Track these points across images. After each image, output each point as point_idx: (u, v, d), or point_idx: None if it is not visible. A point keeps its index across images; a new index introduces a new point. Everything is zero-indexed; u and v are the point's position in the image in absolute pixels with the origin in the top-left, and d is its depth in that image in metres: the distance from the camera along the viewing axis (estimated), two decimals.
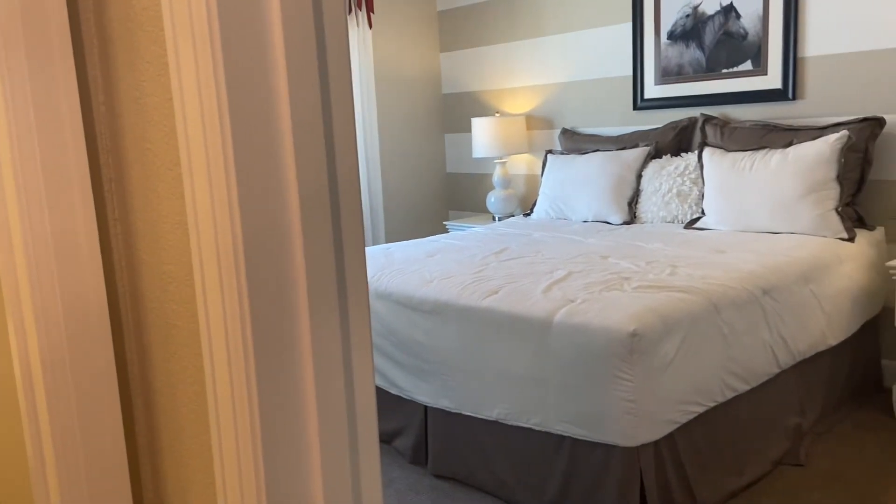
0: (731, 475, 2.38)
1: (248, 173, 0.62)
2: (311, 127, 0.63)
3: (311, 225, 0.66)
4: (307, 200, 0.64)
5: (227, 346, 0.65)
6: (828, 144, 2.98)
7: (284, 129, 0.61)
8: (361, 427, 0.76)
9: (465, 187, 5.14)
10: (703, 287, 2.35)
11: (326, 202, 0.65)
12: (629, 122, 4.04)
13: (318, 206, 0.65)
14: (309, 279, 0.65)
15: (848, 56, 3.18)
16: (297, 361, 0.68)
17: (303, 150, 0.63)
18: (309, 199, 0.65)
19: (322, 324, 0.68)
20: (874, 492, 2.39)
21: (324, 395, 0.69)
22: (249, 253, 0.63)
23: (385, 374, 2.78)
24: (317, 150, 0.63)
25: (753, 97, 3.48)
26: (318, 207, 0.65)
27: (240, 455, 0.68)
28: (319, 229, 0.66)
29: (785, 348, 2.55)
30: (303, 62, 0.61)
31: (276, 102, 0.61)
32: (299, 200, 0.63)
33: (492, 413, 2.39)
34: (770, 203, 3.07)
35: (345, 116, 0.66)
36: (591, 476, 2.17)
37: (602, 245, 3.14)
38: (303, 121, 0.63)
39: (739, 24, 3.50)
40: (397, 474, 2.68)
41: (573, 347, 2.14)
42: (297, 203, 0.64)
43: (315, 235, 0.67)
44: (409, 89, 5.00)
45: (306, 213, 0.65)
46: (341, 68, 0.64)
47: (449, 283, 2.63)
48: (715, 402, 2.29)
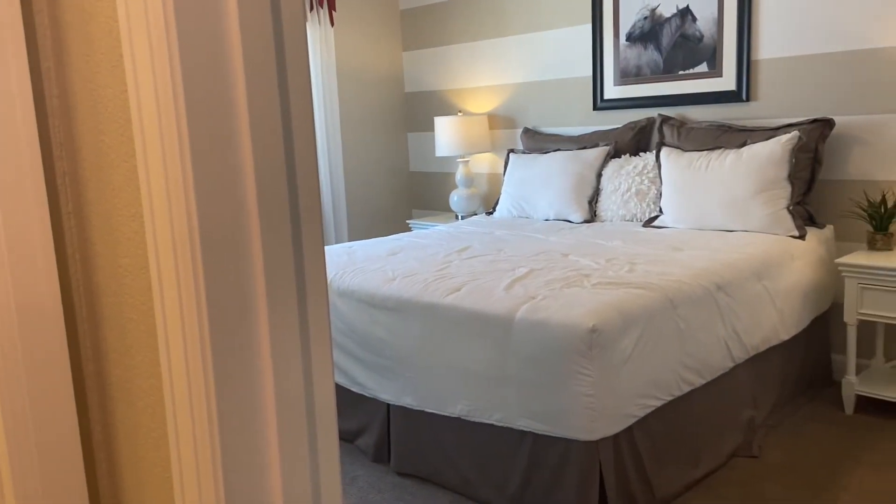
0: (687, 467, 2.43)
1: (204, 165, 0.62)
2: (268, 116, 0.63)
3: (269, 218, 0.66)
4: (265, 193, 0.65)
5: (184, 340, 0.65)
6: (779, 145, 3.06)
7: (241, 118, 0.61)
8: (320, 420, 0.76)
9: (429, 186, 5.15)
10: (660, 283, 2.40)
11: (285, 195, 0.65)
12: (589, 122, 4.09)
13: (276, 199, 0.65)
14: (267, 272, 0.66)
15: (799, 59, 3.27)
16: (254, 354, 0.68)
17: (260, 142, 0.64)
18: (267, 192, 0.65)
19: (280, 316, 0.69)
20: (824, 482, 2.47)
21: (282, 387, 0.70)
22: (206, 245, 0.63)
23: (347, 372, 2.78)
24: (275, 142, 0.63)
25: (709, 98, 3.56)
26: (276, 200, 0.65)
27: (197, 449, 0.68)
28: (277, 222, 0.66)
29: (739, 343, 2.61)
30: (260, 50, 0.61)
31: (233, 93, 0.61)
32: (257, 193, 0.63)
33: (454, 410, 2.40)
34: (725, 202, 3.14)
35: (303, 104, 0.66)
36: (551, 470, 2.20)
37: (563, 243, 3.18)
38: (260, 109, 0.63)
39: (695, 27, 3.58)
40: (360, 473, 2.67)
41: (534, 343, 2.17)
42: (255, 196, 0.64)
43: (273, 228, 0.67)
44: (371, 88, 4.99)
45: (264, 206, 0.65)
46: (299, 58, 0.64)
47: (411, 281, 2.63)
48: (672, 396, 2.34)
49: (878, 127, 3.09)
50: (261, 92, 0.62)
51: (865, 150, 3.14)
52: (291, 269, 0.68)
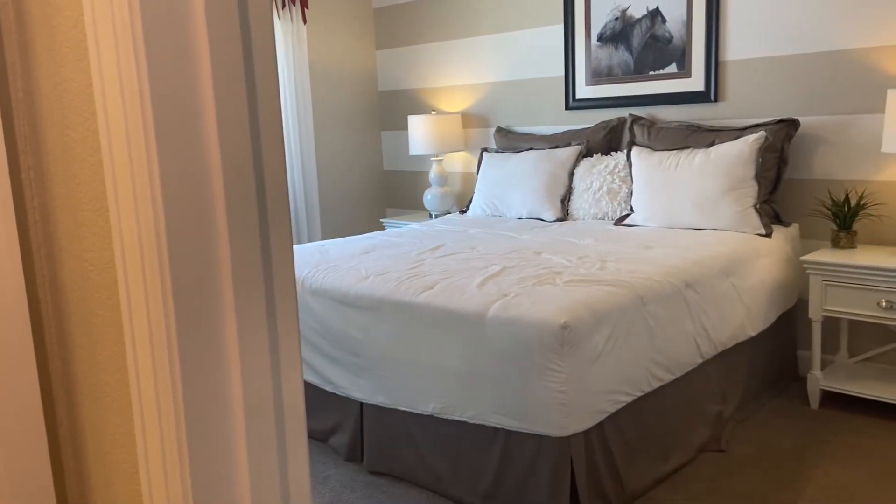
0: (657, 462, 2.47)
1: (170, 159, 0.62)
2: (235, 109, 0.64)
3: (237, 213, 0.66)
4: (232, 188, 0.65)
5: (150, 336, 0.65)
6: (747, 144, 3.12)
7: (208, 112, 0.61)
8: (289, 415, 0.76)
9: (402, 185, 5.15)
10: (630, 281, 2.43)
11: (252, 191, 0.65)
12: (561, 121, 4.13)
13: (243, 195, 0.65)
14: (234, 266, 0.66)
15: (765, 60, 3.33)
16: (222, 350, 0.68)
17: (227, 135, 0.64)
18: (234, 188, 0.65)
19: (248, 311, 0.69)
20: (791, 475, 2.52)
21: (250, 382, 0.70)
22: (172, 240, 0.62)
23: (320, 371, 2.77)
24: (242, 136, 0.63)
25: (678, 99, 3.61)
26: (243, 196, 0.65)
27: (164, 445, 0.68)
28: (245, 218, 0.66)
29: (707, 339, 2.66)
30: (227, 44, 0.61)
31: (200, 86, 0.61)
32: (224, 188, 0.63)
33: (427, 408, 2.41)
34: (694, 200, 3.19)
35: (270, 93, 0.66)
36: (523, 466, 2.21)
37: (535, 241, 3.20)
38: (227, 102, 0.63)
39: (665, 28, 3.63)
40: (332, 472, 2.67)
41: (506, 340, 2.18)
42: (222, 191, 0.64)
43: (240, 224, 0.67)
44: (344, 86, 4.97)
45: (231, 202, 0.65)
46: (265, 49, 0.64)
47: (384, 279, 2.63)
48: (642, 392, 2.37)
49: (842, 127, 3.16)
50: (228, 85, 0.62)
51: (829, 150, 3.21)
52: (259, 264, 0.68)
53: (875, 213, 3.09)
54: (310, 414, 2.91)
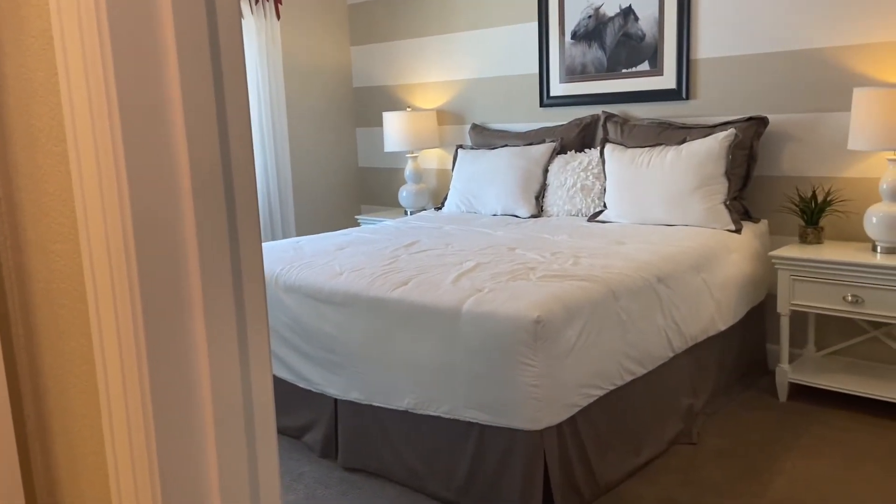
0: (629, 455, 2.50)
1: (136, 150, 0.62)
2: (202, 96, 0.63)
3: (204, 202, 0.66)
4: (199, 177, 0.65)
5: (117, 326, 0.65)
6: (717, 142, 3.17)
7: (174, 101, 0.61)
8: (258, 406, 0.76)
9: (378, 181, 5.15)
10: (603, 276, 2.46)
11: (219, 178, 0.65)
12: (536, 118, 4.15)
13: (210, 183, 0.65)
14: (201, 255, 0.66)
15: (735, 59, 3.38)
16: (189, 340, 0.68)
17: (194, 125, 0.63)
18: (201, 175, 0.65)
19: (215, 300, 0.69)
20: (760, 466, 2.56)
21: (218, 372, 0.70)
22: (139, 229, 0.62)
23: (294, 367, 2.76)
24: (208, 123, 0.63)
25: (650, 96, 3.65)
26: (210, 184, 0.65)
27: (131, 436, 0.68)
28: (212, 207, 0.66)
29: (678, 333, 2.69)
30: (193, 31, 0.61)
31: (166, 76, 0.61)
32: (191, 177, 0.63)
33: (401, 403, 2.41)
34: (665, 197, 3.23)
35: (237, 82, 0.66)
36: (497, 460, 2.23)
37: (510, 237, 3.22)
38: (194, 91, 0.63)
39: (637, 27, 3.66)
40: (306, 469, 2.66)
41: (480, 335, 2.20)
42: (189, 179, 0.64)
43: (208, 213, 0.67)
44: (319, 83, 4.95)
45: (198, 191, 0.65)
46: (232, 38, 0.64)
47: (359, 276, 2.63)
48: (614, 386, 2.40)
49: (810, 125, 3.22)
50: (195, 75, 0.62)
51: (797, 147, 3.27)
52: (227, 257, 0.68)
53: (841, 210, 3.15)
54: (284, 411, 2.90)
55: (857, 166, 3.13)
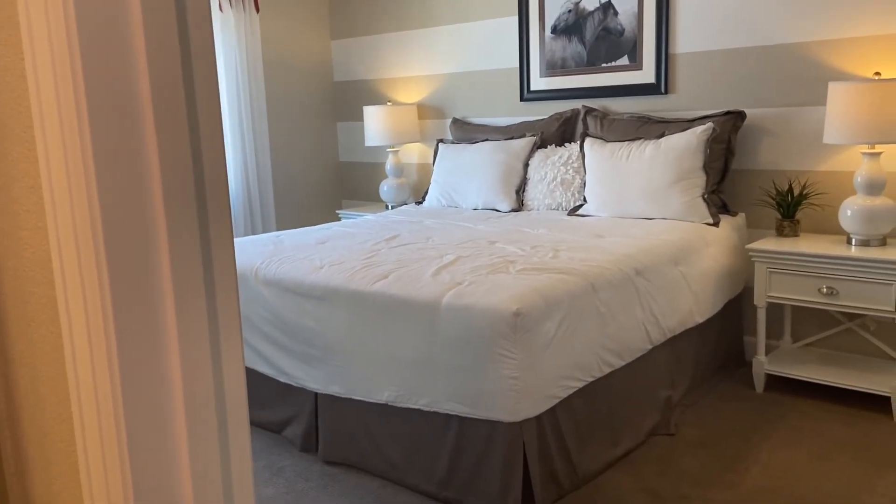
0: (608, 446, 2.52)
1: (103, 134, 0.61)
2: (170, 77, 0.63)
3: (173, 191, 0.65)
4: (168, 163, 0.64)
5: (86, 314, 0.64)
6: (695, 136, 3.19)
7: (142, 82, 0.61)
8: (230, 399, 0.76)
9: (358, 176, 5.13)
10: (582, 269, 2.48)
11: (189, 164, 0.65)
12: (516, 112, 4.16)
13: (180, 169, 0.65)
14: (171, 242, 0.65)
15: (713, 53, 3.41)
16: (159, 330, 0.68)
17: (163, 112, 0.63)
18: (170, 162, 0.65)
19: (186, 292, 0.68)
20: (736, 456, 2.60)
21: (189, 363, 0.70)
22: (107, 216, 0.62)
23: (274, 362, 2.75)
24: (177, 107, 0.63)
25: (630, 91, 3.68)
26: (180, 170, 0.65)
27: (101, 423, 0.68)
28: (182, 194, 0.66)
29: (657, 326, 2.72)
30: (161, 15, 0.60)
31: (133, 57, 0.61)
32: (159, 161, 0.63)
33: (381, 396, 2.42)
34: (644, 190, 3.25)
35: (206, 67, 0.66)
36: (477, 452, 2.24)
37: (490, 231, 3.23)
38: (162, 75, 0.63)
39: (617, 21, 3.68)
40: (287, 463, 2.66)
41: (460, 328, 2.20)
42: (158, 165, 0.63)
43: (177, 200, 0.67)
44: (299, 76, 4.92)
45: (167, 179, 0.65)
46: (202, 24, 0.64)
47: (339, 269, 2.63)
48: (593, 378, 2.41)
49: (786, 119, 3.26)
50: (162, 57, 0.62)
51: (774, 141, 3.31)
52: (197, 241, 0.68)
53: (817, 203, 3.19)
54: (264, 405, 2.89)
55: (832, 160, 3.18)
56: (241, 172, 4.48)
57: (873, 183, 2.86)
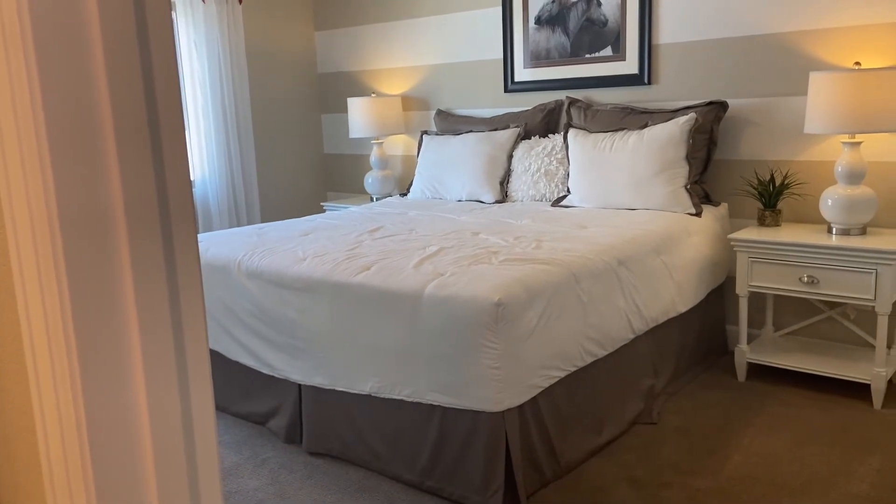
0: (590, 435, 2.53)
1: (59, 126, 0.60)
2: (126, 59, 0.62)
3: (133, 190, 0.65)
4: (127, 159, 0.63)
5: (44, 307, 0.64)
6: (678, 126, 3.20)
7: (100, 82, 0.60)
8: (195, 391, 0.76)
9: (343, 168, 5.12)
10: (564, 259, 2.48)
11: (149, 160, 0.64)
12: (500, 103, 4.16)
13: (139, 168, 0.64)
14: (131, 243, 0.65)
15: (695, 44, 3.42)
16: (120, 319, 0.67)
17: (121, 115, 0.62)
18: (130, 161, 0.64)
19: (147, 286, 0.68)
20: (718, 444, 2.62)
21: (151, 356, 0.69)
22: (64, 212, 0.61)
23: (257, 353, 2.74)
24: (137, 113, 0.62)
25: (613, 81, 3.68)
26: (139, 170, 0.64)
27: (61, 417, 0.67)
28: (142, 193, 0.65)
29: (639, 315, 2.73)
30: (119, 20, 0.60)
31: (88, 33, 0.60)
32: (118, 160, 0.62)
33: (365, 387, 2.42)
34: (627, 181, 3.26)
35: (166, 69, 0.65)
36: (460, 442, 2.24)
37: (474, 222, 3.23)
38: (118, 60, 0.62)
39: (600, 12, 3.68)
40: (270, 454, 2.66)
41: (442, 319, 2.20)
42: (116, 160, 0.63)
43: (138, 199, 0.66)
44: (283, 68, 4.89)
45: (127, 178, 0.64)
46: (162, 28, 0.63)
47: (322, 261, 2.62)
48: (575, 367, 2.42)
49: (767, 109, 3.27)
50: (118, 38, 0.61)
51: (756, 131, 3.32)
52: (158, 239, 0.67)
53: (798, 192, 3.22)
54: (247, 397, 2.89)
55: (813, 150, 3.20)
56: (224, 165, 4.46)
57: (854, 172, 2.88)
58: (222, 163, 4.45)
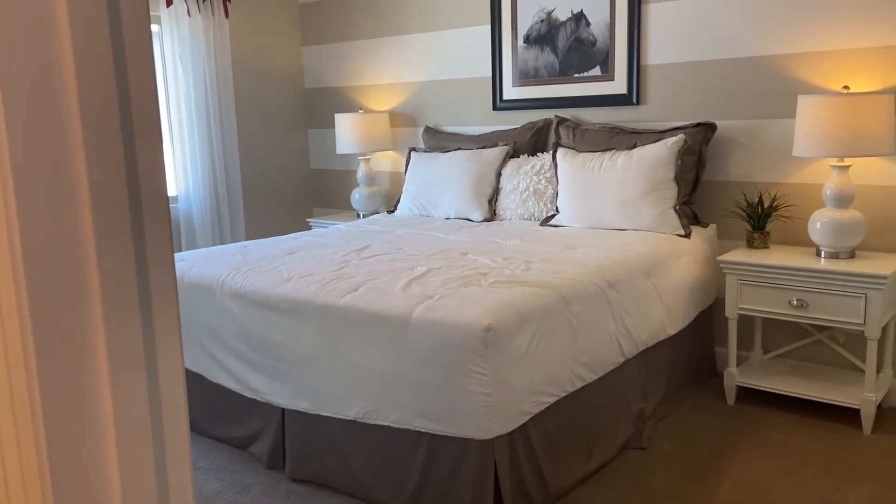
0: (580, 461, 2.49)
1: (21, 137, 0.56)
2: (98, 76, 0.58)
3: (103, 204, 0.60)
4: (97, 170, 0.59)
5: (2, 321, 0.60)
6: (667, 147, 3.19)
7: (71, 110, 0.56)
8: (167, 405, 0.72)
9: (330, 184, 5.07)
10: (554, 281, 2.45)
11: (121, 161, 0.60)
12: (489, 121, 4.14)
13: (109, 170, 0.60)
14: (100, 263, 0.60)
15: (684, 65, 3.42)
16: (86, 346, 0.63)
17: (91, 122, 0.58)
18: (98, 164, 0.60)
19: (117, 304, 0.63)
20: (708, 469, 2.58)
21: (119, 371, 0.65)
22: (26, 232, 0.57)
23: (239, 376, 2.68)
24: (110, 122, 0.58)
25: (602, 101, 3.67)
26: (110, 171, 0.60)
27: (17, 424, 0.63)
28: (114, 210, 0.61)
29: (629, 338, 2.70)
30: (91, 21, 0.56)
31: (58, 51, 0.56)
32: (88, 178, 0.58)
33: (350, 413, 2.36)
34: (616, 201, 3.24)
35: (142, 76, 0.61)
36: (447, 470, 2.19)
37: (462, 242, 3.19)
38: (89, 74, 0.58)
39: (589, 32, 3.68)
40: (252, 481, 2.59)
41: (431, 343, 2.16)
42: (87, 182, 0.58)
43: (109, 216, 0.62)
44: (270, 83, 4.85)
45: (97, 191, 0.60)
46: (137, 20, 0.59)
47: (308, 281, 2.57)
48: (565, 392, 2.38)
49: (756, 131, 3.27)
50: (91, 59, 0.57)
51: (744, 153, 3.32)
52: (131, 254, 0.63)
53: (787, 215, 3.21)
54: (229, 420, 2.81)
55: (801, 172, 3.20)
56: (209, 179, 4.39)
57: (842, 196, 2.88)
58: (207, 178, 4.38)
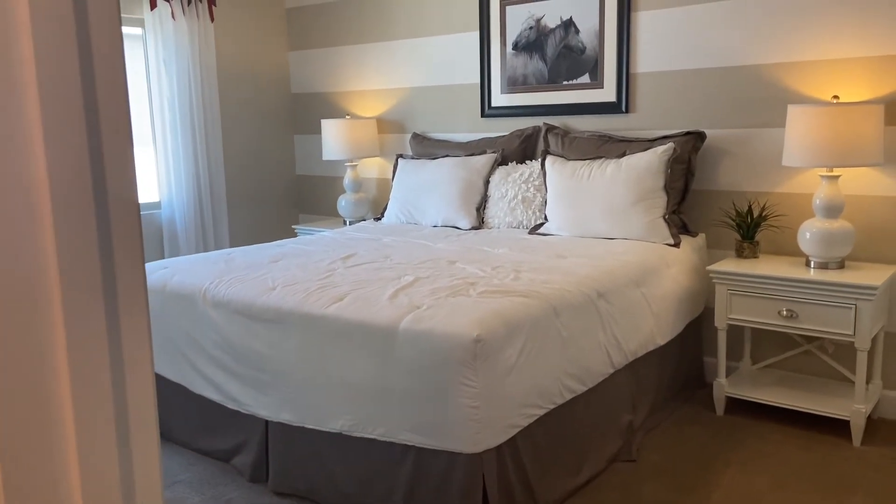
0: (569, 474, 2.45)
1: None
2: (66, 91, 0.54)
3: (65, 206, 0.56)
4: (59, 182, 0.55)
5: None
6: (656, 156, 3.17)
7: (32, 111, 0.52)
8: (134, 418, 0.68)
9: (316, 190, 5.02)
10: (543, 291, 2.41)
11: (87, 167, 0.56)
12: (477, 128, 4.10)
13: (75, 183, 0.56)
14: (60, 252, 0.56)
15: (674, 73, 3.41)
16: (44, 338, 0.59)
17: (54, 124, 0.54)
18: (59, 168, 0.55)
19: (77, 286, 0.59)
20: (697, 481, 2.55)
21: (82, 385, 0.61)
22: None
23: (222, 387, 2.62)
24: (76, 126, 0.54)
25: (591, 109, 3.65)
26: (75, 181, 0.56)
27: None
28: (78, 215, 0.57)
29: (618, 349, 2.67)
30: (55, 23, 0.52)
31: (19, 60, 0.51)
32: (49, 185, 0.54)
33: (335, 425, 2.31)
34: (605, 210, 3.22)
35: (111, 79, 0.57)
36: (434, 484, 2.15)
37: (450, 250, 3.15)
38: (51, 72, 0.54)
39: (578, 39, 3.66)
40: (235, 495, 2.52)
41: (418, 354, 2.11)
42: (48, 188, 0.54)
43: (71, 225, 0.58)
44: (256, 88, 4.79)
45: (57, 191, 0.56)
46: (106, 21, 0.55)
47: (292, 290, 2.52)
48: (554, 404, 2.35)
49: (745, 140, 3.26)
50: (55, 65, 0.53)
51: (734, 162, 3.31)
52: (97, 259, 0.59)
53: (776, 224, 3.20)
54: (211, 432, 2.75)
55: (791, 181, 3.18)
56: (193, 185, 4.33)
57: (831, 206, 2.87)
58: (190, 184, 4.32)
